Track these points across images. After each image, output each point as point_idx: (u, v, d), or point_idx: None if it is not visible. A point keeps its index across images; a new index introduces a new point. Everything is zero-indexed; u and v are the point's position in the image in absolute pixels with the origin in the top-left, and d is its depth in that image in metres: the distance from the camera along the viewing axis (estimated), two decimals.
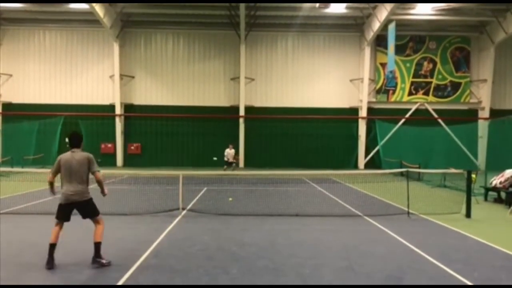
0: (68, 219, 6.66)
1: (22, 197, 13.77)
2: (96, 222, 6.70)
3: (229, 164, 23.31)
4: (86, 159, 6.64)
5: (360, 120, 30.79)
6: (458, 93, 31.05)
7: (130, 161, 30.10)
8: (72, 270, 6.29)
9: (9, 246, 7.59)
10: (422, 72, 31.11)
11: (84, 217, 6.75)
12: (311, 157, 29.35)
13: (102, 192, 6.90)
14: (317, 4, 26.98)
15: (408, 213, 11.06)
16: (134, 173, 21.76)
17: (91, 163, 6.67)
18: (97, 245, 6.52)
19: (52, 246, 6.43)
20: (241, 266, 6.55)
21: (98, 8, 26.18)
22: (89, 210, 6.68)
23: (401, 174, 17.33)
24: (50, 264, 6.34)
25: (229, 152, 23.44)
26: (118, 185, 18.11)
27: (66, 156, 6.68)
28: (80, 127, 29.75)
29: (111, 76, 30.46)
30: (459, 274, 6.19)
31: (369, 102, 30.66)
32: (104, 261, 6.47)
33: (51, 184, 6.76)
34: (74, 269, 6.36)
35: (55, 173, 6.72)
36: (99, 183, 6.78)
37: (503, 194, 13.68)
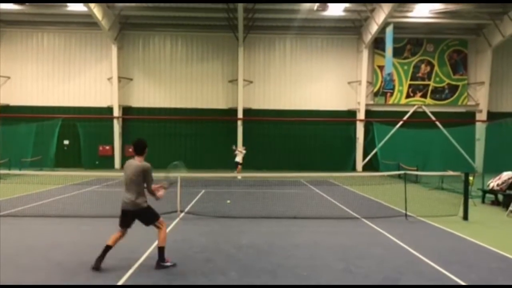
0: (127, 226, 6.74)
1: (19, 200, 13.74)
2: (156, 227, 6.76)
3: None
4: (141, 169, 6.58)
5: (358, 123, 30.84)
6: (455, 95, 31.13)
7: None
8: (71, 271, 6.29)
9: (7, 248, 7.57)
10: (420, 74, 31.18)
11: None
12: (309, 159, 29.37)
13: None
14: (315, 7, 27.01)
15: (406, 215, 11.08)
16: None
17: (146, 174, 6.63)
18: (160, 250, 6.60)
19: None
20: (239, 268, 6.57)
21: (96, 10, 26.18)
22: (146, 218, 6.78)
23: (399, 176, 17.39)
24: (97, 264, 6.35)
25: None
26: (116, 188, 18.07)
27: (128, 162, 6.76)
28: (78, 129, 29.74)
29: (109, 78, 30.45)
30: (456, 276, 6.22)
31: (367, 105, 30.71)
32: (168, 263, 6.55)
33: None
34: (73, 270, 6.36)
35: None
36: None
37: (500, 197, 13.71)
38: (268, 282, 5.95)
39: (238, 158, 24.37)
